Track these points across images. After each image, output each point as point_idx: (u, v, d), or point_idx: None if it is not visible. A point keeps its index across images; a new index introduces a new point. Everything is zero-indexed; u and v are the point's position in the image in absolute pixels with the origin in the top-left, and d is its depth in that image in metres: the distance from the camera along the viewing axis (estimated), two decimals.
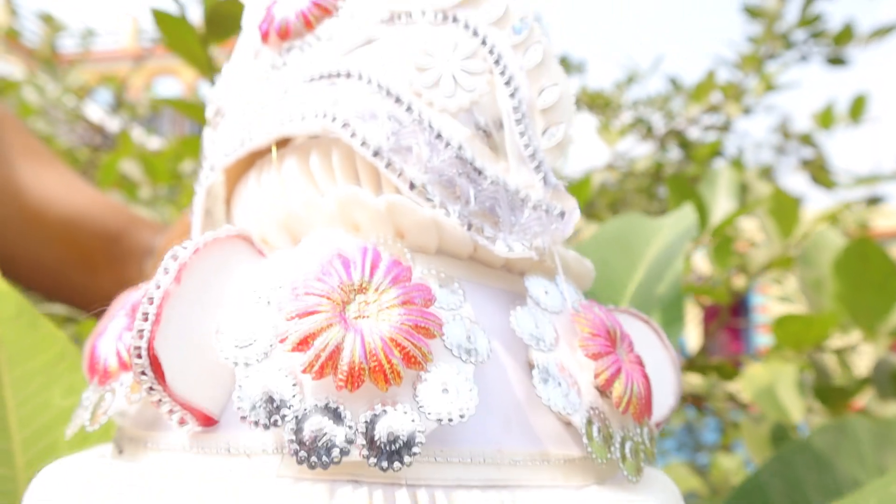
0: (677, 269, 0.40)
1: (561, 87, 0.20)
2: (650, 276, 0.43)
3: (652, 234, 0.48)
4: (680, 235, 0.44)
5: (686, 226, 0.45)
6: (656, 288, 0.42)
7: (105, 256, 0.52)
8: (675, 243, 0.43)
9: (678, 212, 0.49)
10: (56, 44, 2.04)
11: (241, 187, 0.22)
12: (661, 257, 0.43)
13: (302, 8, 0.22)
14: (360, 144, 0.18)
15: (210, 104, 0.26)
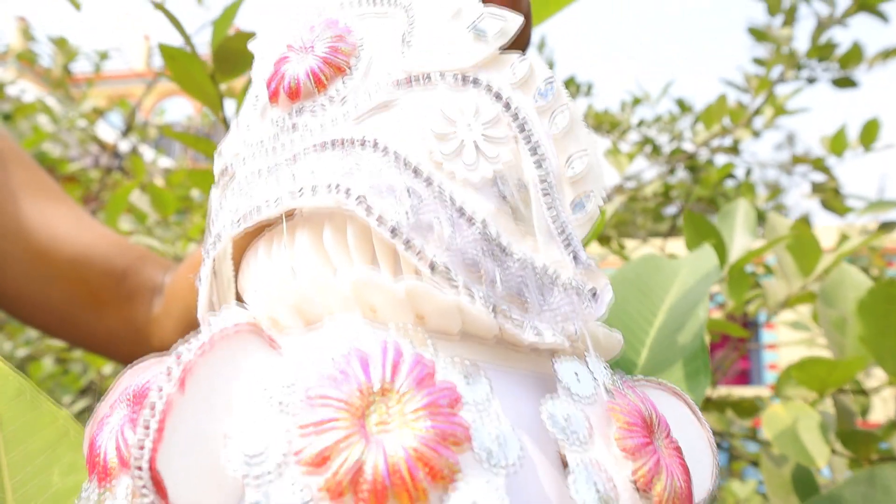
0: (700, 319, 0.39)
1: (590, 155, 0.18)
2: (671, 323, 0.42)
3: (672, 275, 0.46)
4: (701, 280, 0.42)
5: (707, 270, 0.44)
6: (678, 336, 0.40)
7: (112, 295, 0.51)
8: (696, 289, 0.42)
9: (697, 252, 0.48)
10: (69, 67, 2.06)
11: (249, 255, 0.21)
12: (682, 303, 0.42)
13: (313, 66, 0.21)
14: (377, 222, 0.17)
15: (218, 160, 0.25)
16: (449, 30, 0.19)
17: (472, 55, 0.19)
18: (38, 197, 0.54)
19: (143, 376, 0.18)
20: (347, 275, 0.17)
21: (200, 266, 0.22)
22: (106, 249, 0.52)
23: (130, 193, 0.66)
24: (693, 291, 0.42)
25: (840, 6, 0.85)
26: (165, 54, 0.51)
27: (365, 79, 0.20)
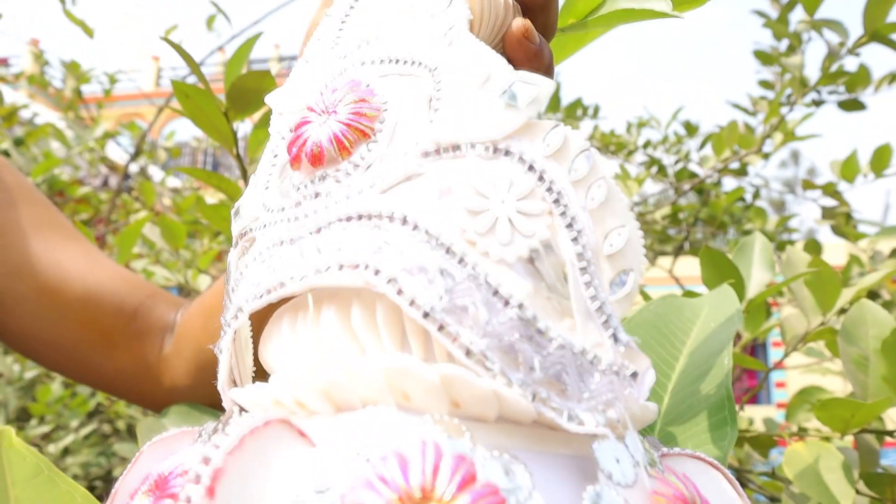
0: (725, 368, 0.38)
1: (629, 229, 0.18)
2: (694, 369, 0.41)
3: (693, 317, 0.45)
4: (724, 325, 0.41)
5: (729, 313, 0.43)
6: (701, 385, 0.39)
7: (123, 334, 0.51)
8: (719, 335, 0.41)
9: (718, 293, 0.47)
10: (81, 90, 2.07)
11: (272, 327, 0.20)
12: (704, 349, 0.41)
13: (336, 132, 0.20)
14: (409, 304, 0.16)
15: (237, 220, 0.24)
16: (479, 97, 0.19)
17: (504, 124, 0.18)
18: (49, 234, 0.53)
19: (167, 462, 0.17)
20: (379, 362, 0.16)
21: (219, 336, 0.22)
22: (116, 287, 0.52)
23: (142, 227, 0.66)
24: (716, 337, 0.41)
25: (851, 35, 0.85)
26: (178, 91, 0.51)
27: (390, 145, 0.20)
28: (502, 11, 0.26)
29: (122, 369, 0.51)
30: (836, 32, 0.80)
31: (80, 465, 1.73)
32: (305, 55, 0.28)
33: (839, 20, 0.80)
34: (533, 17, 0.28)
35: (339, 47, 0.26)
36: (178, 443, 0.19)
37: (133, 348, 0.51)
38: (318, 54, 0.26)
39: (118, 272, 0.53)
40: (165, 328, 0.52)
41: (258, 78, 0.48)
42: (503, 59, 0.22)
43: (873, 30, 0.77)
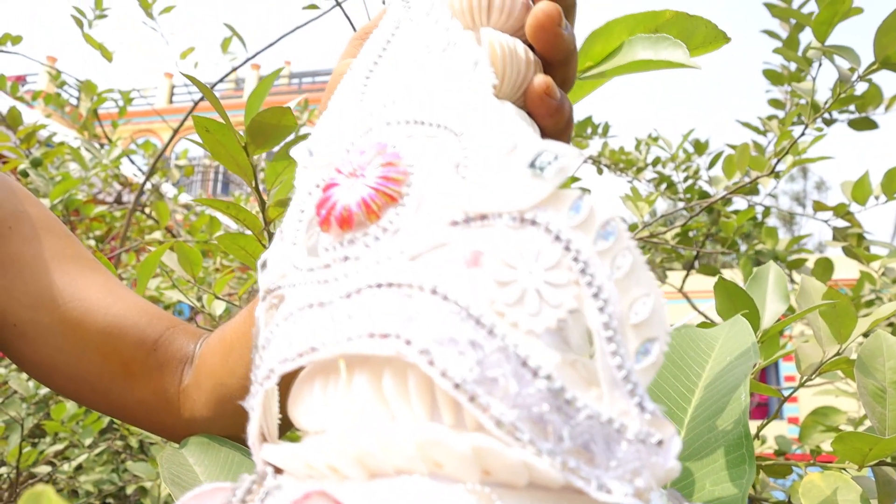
0: (743, 404, 0.38)
1: (654, 299, 0.18)
2: (709, 404, 0.41)
3: (707, 349, 0.46)
4: (740, 359, 0.42)
5: (744, 347, 0.43)
6: (717, 420, 0.39)
7: (143, 366, 0.51)
8: (735, 369, 0.41)
9: (733, 325, 0.47)
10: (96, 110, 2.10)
11: (304, 386, 0.21)
12: (720, 384, 0.41)
13: (364, 196, 0.21)
14: (441, 376, 0.17)
15: (264, 274, 0.25)
16: (505, 166, 0.19)
17: (531, 195, 0.19)
18: (71, 266, 0.54)
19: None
20: (413, 432, 0.16)
21: (250, 395, 0.22)
22: (137, 319, 0.53)
23: (161, 255, 0.67)
24: (732, 372, 0.41)
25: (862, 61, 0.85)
26: (199, 126, 0.52)
27: (418, 210, 0.20)
28: (524, 67, 0.27)
29: (142, 400, 0.52)
30: (847, 59, 0.80)
31: (93, 483, 1.74)
32: (330, 107, 0.28)
33: (850, 46, 0.81)
34: (553, 70, 0.28)
35: (364, 103, 0.26)
36: (213, 499, 0.20)
37: (153, 380, 0.51)
38: (343, 108, 0.27)
39: (139, 304, 0.54)
40: (185, 360, 0.52)
41: (278, 114, 0.49)
42: (529, 127, 0.22)
43: (884, 57, 0.77)
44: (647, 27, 0.33)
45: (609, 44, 0.34)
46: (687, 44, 0.32)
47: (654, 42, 0.31)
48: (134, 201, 1.81)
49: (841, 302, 0.56)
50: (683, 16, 0.32)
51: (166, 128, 13.55)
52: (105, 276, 0.55)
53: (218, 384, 0.48)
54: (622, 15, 0.33)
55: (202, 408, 0.49)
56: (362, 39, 0.34)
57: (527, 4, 0.28)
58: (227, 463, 0.47)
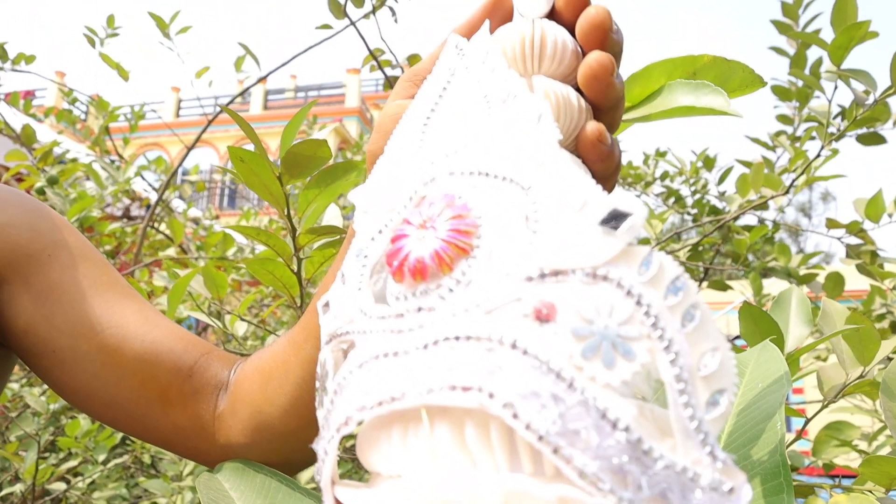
0: (778, 433, 0.39)
1: (722, 352, 0.19)
2: (743, 431, 0.41)
3: (739, 375, 0.46)
4: (773, 388, 0.42)
5: (777, 374, 0.44)
6: (752, 449, 0.40)
7: (179, 392, 0.52)
8: (769, 397, 0.41)
9: (763, 352, 0.48)
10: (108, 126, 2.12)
11: (381, 434, 0.21)
12: (754, 412, 0.42)
13: (436, 248, 0.22)
14: (525, 428, 0.18)
15: (329, 318, 0.26)
16: (577, 223, 0.20)
17: (603, 251, 0.20)
18: (108, 294, 0.55)
19: None
20: (498, 483, 0.17)
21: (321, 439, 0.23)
22: (173, 346, 0.53)
23: (190, 280, 0.68)
24: (766, 399, 0.42)
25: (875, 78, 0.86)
26: (234, 156, 0.53)
27: (490, 262, 0.21)
28: (577, 115, 0.28)
29: (178, 426, 0.52)
30: (862, 82, 0.81)
31: (106, 500, 1.74)
32: (387, 152, 0.29)
33: (865, 70, 0.82)
34: (602, 115, 0.29)
35: (423, 150, 0.27)
36: None
37: (188, 406, 0.52)
38: (402, 155, 0.28)
39: (174, 330, 0.55)
40: (219, 386, 0.53)
41: (313, 146, 0.50)
42: (589, 177, 0.23)
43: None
44: (685, 71, 0.34)
45: (648, 86, 0.35)
46: (724, 87, 0.33)
47: (694, 88, 0.32)
48: (147, 218, 1.82)
49: (865, 327, 0.57)
50: (721, 60, 0.33)
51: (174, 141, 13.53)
52: (141, 304, 0.56)
53: (255, 412, 0.49)
54: (661, 59, 0.34)
55: (238, 434, 0.50)
56: (412, 82, 0.35)
57: (576, 52, 0.29)
58: (264, 489, 0.47)
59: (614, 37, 0.29)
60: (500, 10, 0.32)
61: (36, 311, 0.53)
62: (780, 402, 0.41)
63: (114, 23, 2.14)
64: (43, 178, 1.65)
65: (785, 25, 1.54)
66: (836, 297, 1.46)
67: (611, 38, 0.28)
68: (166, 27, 1.71)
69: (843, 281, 1.44)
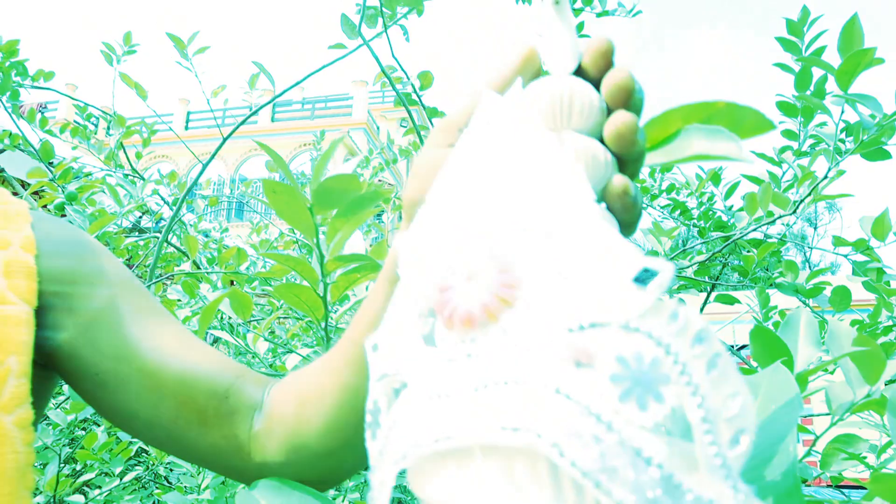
0: (791, 455, 0.41)
1: (742, 396, 0.22)
2: (756, 453, 0.43)
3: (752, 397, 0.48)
4: (785, 410, 0.44)
5: (789, 396, 0.46)
6: (765, 470, 0.42)
7: (216, 413, 0.55)
8: (781, 419, 0.44)
9: (774, 374, 0.50)
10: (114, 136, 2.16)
11: (436, 466, 0.24)
12: (766, 434, 0.44)
13: (484, 301, 0.24)
14: (570, 465, 0.20)
15: (377, 356, 0.29)
16: (612, 279, 0.23)
17: (636, 306, 0.22)
18: (147, 319, 0.58)
19: None
20: None
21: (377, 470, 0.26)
22: (209, 368, 0.56)
23: (220, 304, 0.71)
24: (778, 421, 0.44)
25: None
26: (267, 188, 0.56)
27: (532, 313, 0.24)
28: (603, 168, 0.31)
29: (215, 445, 0.55)
30: (868, 107, 0.84)
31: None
32: (429, 202, 0.32)
33: (872, 95, 0.84)
34: (626, 167, 0.32)
35: (464, 202, 0.30)
36: None
37: (225, 426, 0.55)
38: (444, 205, 0.31)
39: (210, 354, 0.57)
40: (254, 407, 0.56)
41: (345, 180, 0.53)
42: (622, 230, 0.26)
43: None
44: (700, 116, 0.36)
45: (665, 130, 0.37)
46: (737, 131, 0.35)
47: (710, 133, 0.34)
48: (164, 233, 1.85)
49: (871, 348, 0.59)
50: (734, 106, 0.36)
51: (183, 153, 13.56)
52: (178, 327, 0.59)
53: (291, 433, 0.51)
54: (678, 105, 0.36)
55: (274, 453, 0.53)
56: (447, 132, 0.37)
57: (603, 109, 0.32)
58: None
59: (637, 96, 0.31)
60: (530, 67, 0.34)
61: (80, 336, 0.56)
62: (793, 424, 0.43)
63: (130, 40, 2.18)
64: (62, 195, 1.68)
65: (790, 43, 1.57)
66: (843, 310, 1.48)
67: (634, 98, 0.31)
68: (184, 47, 1.75)
69: (850, 295, 1.45)
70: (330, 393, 0.49)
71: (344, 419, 0.48)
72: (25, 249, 0.57)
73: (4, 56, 2.05)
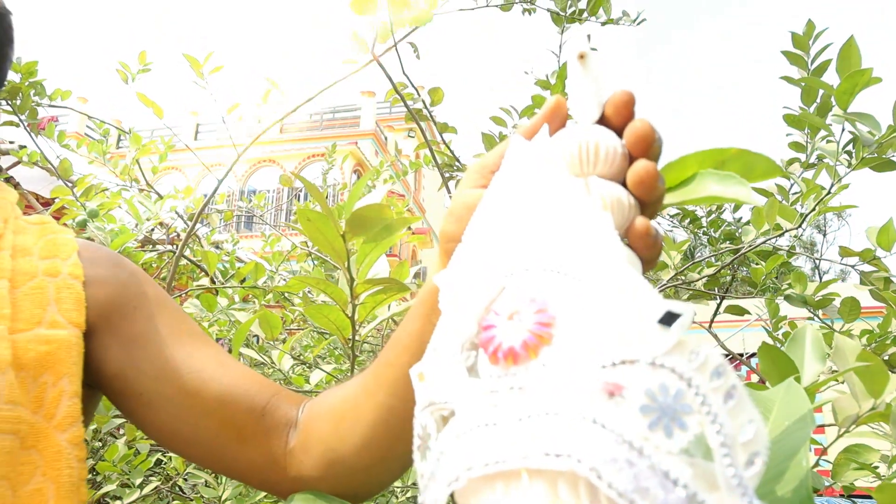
0: (804, 468, 0.44)
1: (756, 424, 0.25)
2: (769, 468, 0.46)
3: (765, 412, 0.51)
4: (798, 425, 0.47)
5: (801, 412, 0.48)
6: (777, 485, 0.45)
7: (254, 431, 0.58)
8: (794, 434, 0.46)
9: (787, 391, 0.53)
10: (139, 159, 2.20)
11: (485, 486, 0.27)
12: (779, 450, 0.47)
13: (525, 339, 0.28)
14: (608, 486, 0.23)
15: (424, 386, 0.32)
16: (640, 321, 0.26)
17: (661, 345, 0.25)
18: (187, 341, 0.61)
19: None
20: None
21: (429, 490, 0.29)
22: (247, 388, 0.59)
23: (251, 325, 0.74)
24: (791, 437, 0.47)
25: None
26: (301, 216, 0.60)
27: (568, 349, 0.27)
28: (627, 211, 0.34)
29: (252, 461, 0.58)
30: (867, 125, 0.87)
31: None
32: (466, 241, 0.35)
33: (870, 114, 0.87)
34: (646, 209, 0.35)
35: (499, 242, 0.33)
36: None
37: (262, 443, 0.58)
38: (480, 245, 0.34)
39: (247, 374, 0.61)
40: (289, 424, 0.59)
41: (377, 210, 0.56)
42: (654, 289, 0.29)
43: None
44: (714, 160, 0.39)
45: (682, 173, 0.40)
46: (748, 175, 0.38)
47: (722, 178, 0.37)
48: (180, 248, 1.89)
49: (875, 364, 0.62)
50: (745, 152, 0.39)
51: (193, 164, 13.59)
52: (216, 349, 0.62)
53: (328, 449, 0.54)
54: (694, 151, 0.40)
55: (310, 468, 0.56)
56: (480, 174, 0.41)
57: (625, 155, 0.35)
58: None
59: (656, 145, 0.34)
60: (557, 117, 0.38)
61: (125, 358, 0.59)
62: (805, 439, 0.46)
63: (145, 59, 2.23)
64: (84, 212, 1.72)
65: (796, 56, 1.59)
66: (852, 321, 1.50)
67: (654, 148, 0.34)
68: (200, 67, 1.79)
69: (859, 306, 1.48)
70: (365, 412, 0.52)
71: (379, 436, 0.51)
72: (74, 277, 0.60)
73: (24, 77, 2.10)
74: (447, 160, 1.77)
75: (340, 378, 1.27)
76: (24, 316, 0.56)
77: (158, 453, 2.06)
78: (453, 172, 1.78)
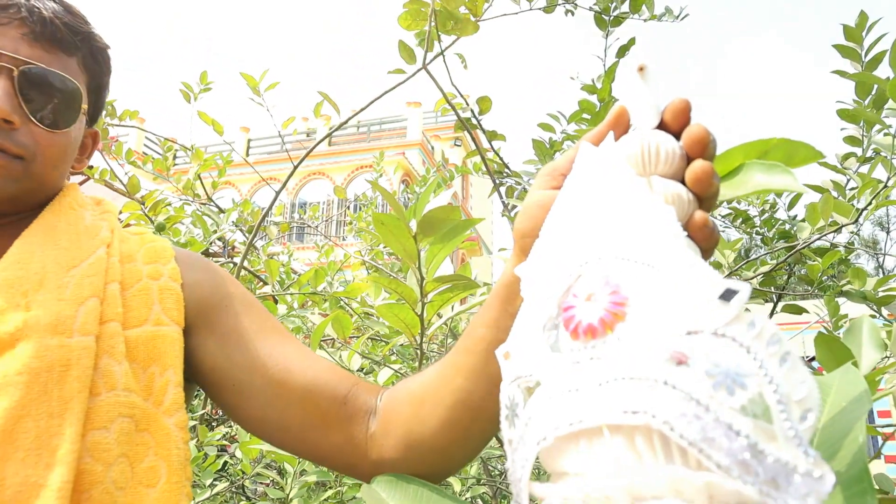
0: (860, 443, 0.46)
1: (808, 383, 0.28)
2: (827, 446, 0.49)
3: (823, 395, 0.53)
4: (854, 402, 0.50)
5: (858, 392, 0.51)
6: (833, 460, 0.48)
7: (337, 417, 0.63)
8: (851, 412, 0.49)
9: (845, 374, 0.55)
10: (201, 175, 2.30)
11: (568, 443, 0.31)
12: (836, 427, 0.49)
13: (601, 316, 0.32)
14: (679, 437, 0.27)
15: (510, 362, 0.36)
16: (706, 297, 0.30)
17: (723, 317, 0.29)
18: (270, 336, 0.67)
19: None
20: (666, 472, 0.27)
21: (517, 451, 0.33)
22: (329, 378, 0.65)
23: (327, 325, 0.79)
24: (848, 414, 0.49)
25: None
26: (377, 220, 0.65)
27: (640, 323, 0.31)
28: (686, 206, 0.38)
29: (335, 446, 0.63)
30: None
31: None
32: (542, 236, 0.39)
33: None
34: (704, 203, 0.39)
35: (573, 235, 0.37)
36: None
37: (344, 428, 0.63)
38: (556, 238, 0.38)
39: (329, 365, 0.66)
40: (369, 411, 0.64)
41: (447, 211, 0.61)
42: (703, 255, 0.33)
43: None
44: (758, 151, 0.43)
45: (729, 164, 0.44)
46: (790, 162, 0.42)
47: (768, 168, 0.41)
48: (242, 258, 1.98)
49: None
50: (786, 141, 0.42)
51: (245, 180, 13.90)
52: (298, 343, 0.68)
53: (408, 431, 0.59)
54: (739, 144, 0.43)
55: (391, 451, 0.61)
56: (551, 176, 0.45)
57: (683, 155, 0.39)
58: (417, 497, 0.58)
59: (711, 146, 0.38)
60: (620, 124, 0.42)
61: (218, 352, 0.65)
62: (861, 416, 0.48)
63: (206, 78, 2.34)
64: (153, 226, 1.82)
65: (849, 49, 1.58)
66: None
67: (709, 148, 0.38)
68: (256, 84, 1.88)
69: None
70: (444, 396, 0.56)
71: (458, 417, 0.56)
72: (173, 279, 0.66)
73: None
74: (497, 167, 1.82)
75: (408, 373, 1.32)
76: (133, 314, 0.62)
77: (226, 456, 2.15)
78: (503, 179, 1.82)
